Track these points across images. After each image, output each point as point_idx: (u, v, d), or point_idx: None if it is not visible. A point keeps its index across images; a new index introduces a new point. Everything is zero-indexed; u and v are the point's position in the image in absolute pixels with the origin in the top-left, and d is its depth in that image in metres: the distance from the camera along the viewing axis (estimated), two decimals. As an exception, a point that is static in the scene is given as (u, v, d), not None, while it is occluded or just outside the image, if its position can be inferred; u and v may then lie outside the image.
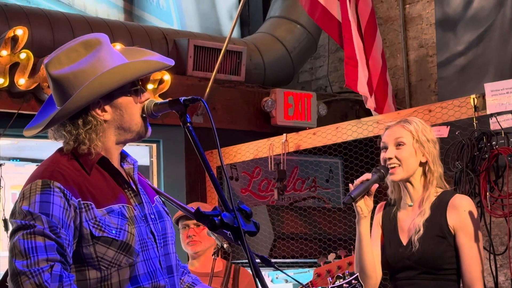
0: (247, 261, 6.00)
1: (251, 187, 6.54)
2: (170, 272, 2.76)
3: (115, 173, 2.73)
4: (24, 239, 2.51)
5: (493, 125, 4.92)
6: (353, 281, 3.22)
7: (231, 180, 6.52)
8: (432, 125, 5.25)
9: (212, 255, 4.63)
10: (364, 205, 3.62)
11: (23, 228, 2.52)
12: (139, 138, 2.79)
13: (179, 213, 4.72)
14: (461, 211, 3.63)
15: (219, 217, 2.47)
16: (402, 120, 3.77)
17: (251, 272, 2.45)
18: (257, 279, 2.40)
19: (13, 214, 2.60)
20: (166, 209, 2.89)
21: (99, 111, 2.70)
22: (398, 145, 3.66)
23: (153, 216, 2.77)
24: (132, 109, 2.74)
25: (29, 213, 2.54)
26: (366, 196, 3.61)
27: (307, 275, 6.87)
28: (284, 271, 3.40)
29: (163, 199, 2.96)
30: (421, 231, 3.60)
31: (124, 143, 2.78)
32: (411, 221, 3.68)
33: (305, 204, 6.46)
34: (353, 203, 3.62)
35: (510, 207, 4.80)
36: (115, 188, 2.71)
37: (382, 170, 3.63)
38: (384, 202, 3.88)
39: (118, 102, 2.74)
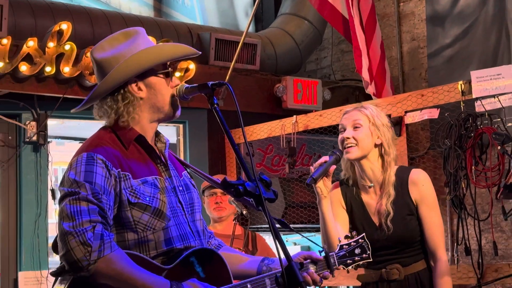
0: (263, 225, 6.01)
1: (265, 162, 6.54)
2: (198, 235, 2.78)
3: (149, 149, 2.76)
4: (70, 204, 2.53)
5: (478, 107, 4.92)
6: (359, 240, 3.16)
7: (247, 156, 6.52)
8: (424, 108, 5.26)
9: (233, 220, 4.65)
10: (323, 186, 3.42)
11: (70, 194, 2.55)
12: (170, 118, 2.81)
13: (205, 183, 4.73)
14: (419, 186, 3.55)
15: (243, 186, 2.48)
16: (359, 106, 3.65)
17: (271, 235, 2.44)
18: (276, 241, 2.40)
19: (61, 183, 2.63)
20: (193, 182, 2.91)
21: (135, 88, 2.73)
22: (355, 127, 3.53)
23: (181, 188, 2.79)
24: (163, 90, 2.76)
25: (75, 181, 2.57)
26: (325, 177, 3.42)
27: (314, 238, 6.88)
28: (298, 233, 3.39)
29: (190, 172, 2.97)
30: (392, 214, 3.51)
31: (157, 121, 2.79)
32: (378, 203, 3.57)
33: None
34: (313, 185, 3.43)
35: (493, 179, 4.80)
36: (149, 162, 2.74)
37: (337, 153, 3.49)
38: (338, 182, 3.73)
39: (152, 82, 2.76)
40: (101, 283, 2.49)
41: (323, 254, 2.99)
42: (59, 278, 2.57)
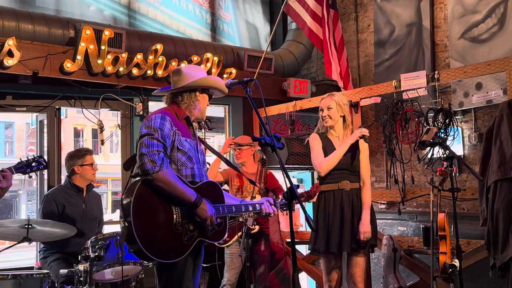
0: (277, 165, 5.86)
1: (276, 128, 6.53)
2: (206, 177, 2.87)
3: (191, 125, 2.87)
4: (148, 139, 2.63)
5: (404, 96, 4.90)
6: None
7: (266, 124, 6.52)
8: (372, 96, 5.22)
9: (257, 162, 4.63)
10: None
11: (148, 134, 2.65)
12: (200, 120, 2.93)
13: (235, 140, 4.69)
14: (363, 143, 3.60)
15: (264, 140, 2.52)
16: (331, 94, 3.71)
17: (281, 172, 2.47)
18: (284, 174, 2.43)
19: (143, 126, 2.71)
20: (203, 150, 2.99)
21: (198, 94, 2.86)
22: (329, 108, 3.63)
23: (199, 151, 2.88)
24: (206, 102, 2.92)
25: (153, 127, 2.66)
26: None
27: (306, 173, 6.90)
28: (288, 172, 3.36)
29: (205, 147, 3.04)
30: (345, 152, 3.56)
31: (196, 118, 2.90)
32: (338, 145, 3.62)
33: (304, 137, 6.44)
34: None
35: (412, 139, 4.79)
36: (189, 131, 2.84)
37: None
38: (317, 134, 3.74)
39: (204, 96, 2.91)
40: (158, 184, 2.58)
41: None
42: (135, 178, 2.66)
